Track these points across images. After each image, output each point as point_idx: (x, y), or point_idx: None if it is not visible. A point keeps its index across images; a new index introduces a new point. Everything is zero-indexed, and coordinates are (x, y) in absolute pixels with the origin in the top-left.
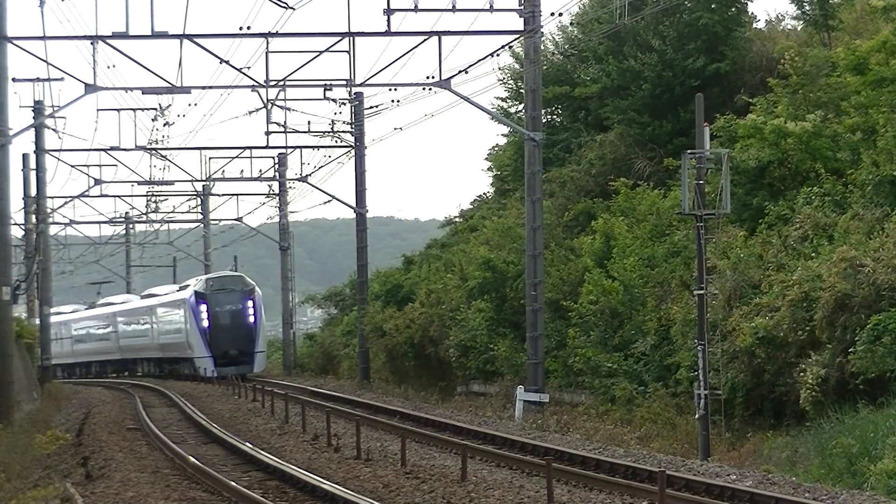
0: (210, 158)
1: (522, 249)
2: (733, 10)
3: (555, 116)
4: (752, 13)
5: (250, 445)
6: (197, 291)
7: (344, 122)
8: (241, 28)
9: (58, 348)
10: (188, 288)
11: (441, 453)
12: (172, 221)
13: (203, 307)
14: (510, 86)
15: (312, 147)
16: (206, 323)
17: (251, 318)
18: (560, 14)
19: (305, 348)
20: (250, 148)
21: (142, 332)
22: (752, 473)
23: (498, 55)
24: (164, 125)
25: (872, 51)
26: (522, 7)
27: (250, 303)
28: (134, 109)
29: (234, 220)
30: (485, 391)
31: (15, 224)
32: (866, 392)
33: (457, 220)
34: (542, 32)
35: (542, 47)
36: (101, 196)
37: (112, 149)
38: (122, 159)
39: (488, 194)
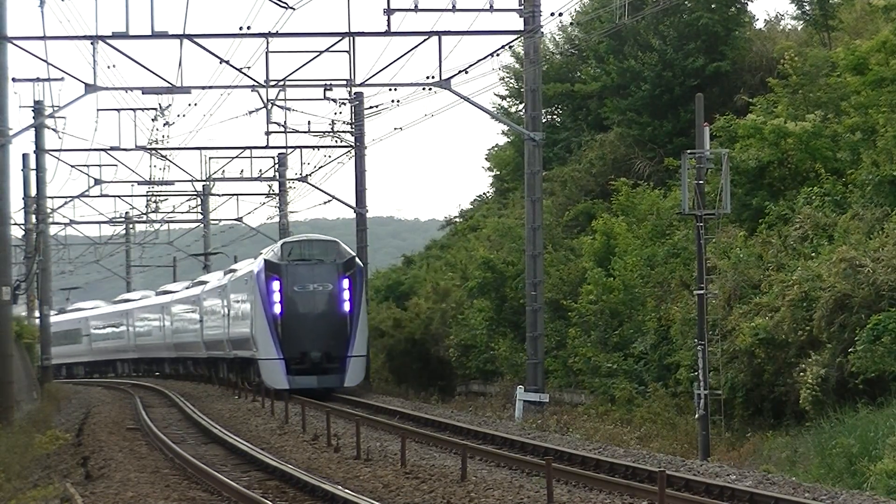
0: (210, 158)
1: (522, 249)
2: (733, 10)
3: (555, 116)
4: (752, 13)
5: (249, 445)
6: (267, 261)
7: (344, 122)
8: (241, 28)
9: (159, 338)
10: (259, 257)
11: (441, 453)
12: (172, 221)
13: (275, 285)
14: (511, 85)
15: (312, 147)
16: (277, 308)
17: (345, 305)
18: (560, 14)
19: None
20: (250, 148)
21: (218, 322)
22: (752, 473)
23: (498, 55)
24: (164, 125)
25: (872, 51)
26: (522, 7)
27: (346, 282)
28: (134, 109)
29: (234, 220)
30: (485, 391)
31: (15, 224)
32: (866, 392)
33: (457, 220)
34: (542, 32)
35: (542, 47)
36: (101, 196)
37: (112, 149)
38: (122, 159)
39: (488, 194)
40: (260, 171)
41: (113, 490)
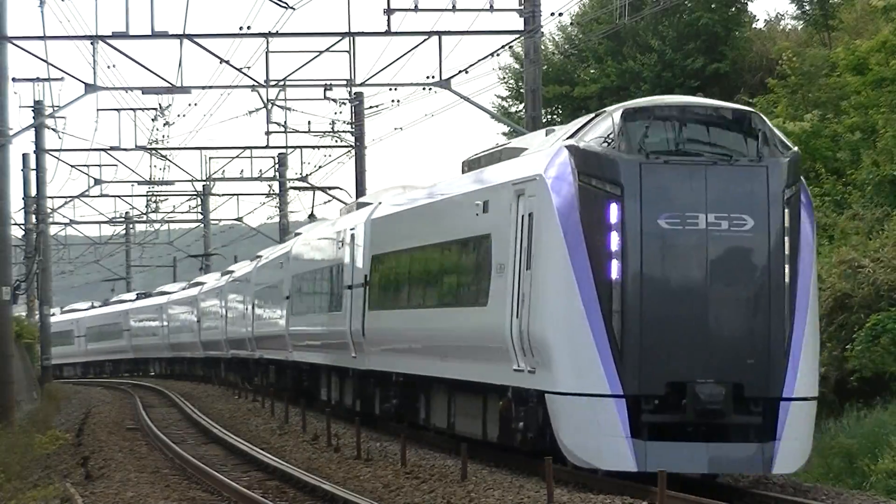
0: (210, 158)
1: None
2: (733, 10)
3: (555, 116)
4: (752, 13)
5: (249, 445)
6: (581, 151)
7: (344, 122)
8: (241, 28)
9: (269, 328)
10: (549, 138)
11: (441, 453)
12: (172, 221)
13: (611, 212)
14: (510, 85)
15: (312, 147)
16: (614, 270)
17: (784, 272)
18: (560, 14)
19: None
20: (250, 148)
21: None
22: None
23: (498, 55)
24: (164, 125)
25: (872, 51)
26: (522, 7)
27: (786, 214)
28: (134, 109)
29: (234, 220)
30: None
31: (15, 224)
32: (866, 391)
33: None
34: (542, 32)
35: (542, 47)
36: (101, 196)
37: (112, 149)
38: (122, 159)
39: None
40: (260, 171)
41: (113, 490)
